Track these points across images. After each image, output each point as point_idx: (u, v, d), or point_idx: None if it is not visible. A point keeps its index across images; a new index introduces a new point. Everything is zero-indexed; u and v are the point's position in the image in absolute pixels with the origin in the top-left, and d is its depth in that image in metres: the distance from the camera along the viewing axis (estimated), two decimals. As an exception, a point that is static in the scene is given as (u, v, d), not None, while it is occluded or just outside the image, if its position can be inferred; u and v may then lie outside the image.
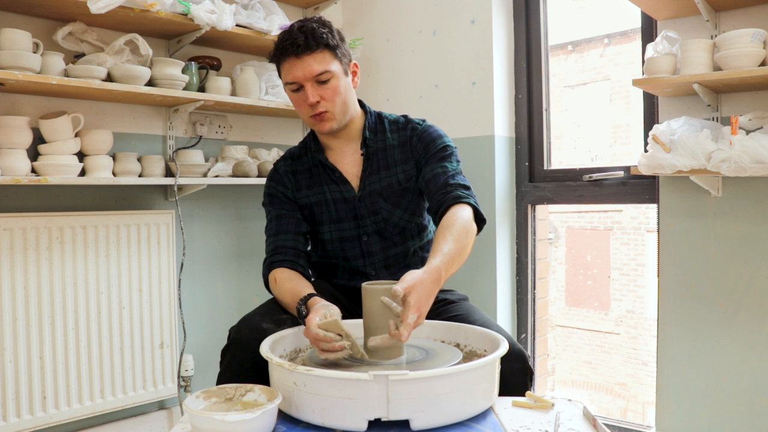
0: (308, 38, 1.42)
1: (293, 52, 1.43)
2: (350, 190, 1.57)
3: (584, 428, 1.07)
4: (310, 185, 1.59)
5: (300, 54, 1.43)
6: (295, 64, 1.44)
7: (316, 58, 1.43)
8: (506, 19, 2.52)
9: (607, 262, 7.16)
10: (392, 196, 1.56)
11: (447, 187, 1.46)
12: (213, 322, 2.53)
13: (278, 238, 1.55)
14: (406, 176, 1.57)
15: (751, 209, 1.92)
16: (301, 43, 1.42)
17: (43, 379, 2.01)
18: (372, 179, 1.56)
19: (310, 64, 1.43)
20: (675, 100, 2.04)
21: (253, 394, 1.11)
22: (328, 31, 1.46)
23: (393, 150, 1.58)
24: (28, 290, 1.99)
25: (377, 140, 1.59)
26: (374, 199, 1.56)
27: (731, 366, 1.96)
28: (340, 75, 1.48)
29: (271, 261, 1.52)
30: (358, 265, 1.59)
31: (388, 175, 1.56)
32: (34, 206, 2.07)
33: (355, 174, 1.58)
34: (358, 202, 1.56)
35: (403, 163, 1.57)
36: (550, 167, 2.53)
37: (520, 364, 1.31)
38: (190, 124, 2.49)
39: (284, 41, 1.44)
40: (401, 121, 1.62)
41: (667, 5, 1.94)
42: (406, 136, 1.59)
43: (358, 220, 1.57)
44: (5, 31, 1.83)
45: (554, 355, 6.94)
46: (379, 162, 1.57)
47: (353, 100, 1.55)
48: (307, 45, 1.42)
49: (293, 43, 1.42)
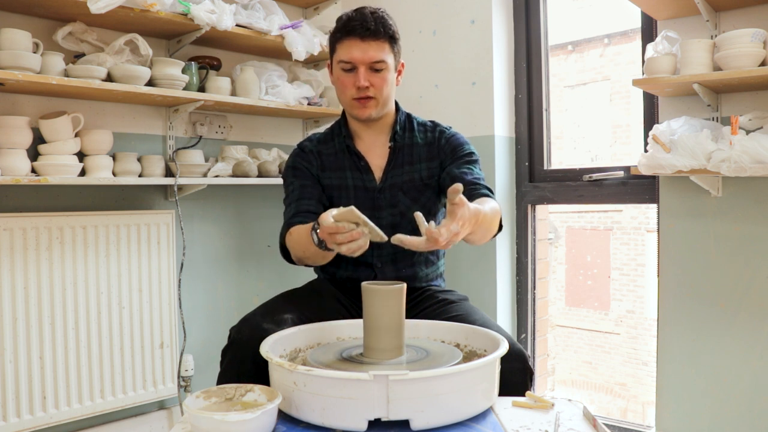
0: (378, 24, 1.48)
1: (360, 34, 1.47)
2: (372, 180, 1.60)
3: (584, 428, 1.07)
4: (336, 168, 1.62)
5: (366, 37, 1.47)
6: (357, 45, 1.48)
7: (378, 45, 1.49)
8: (506, 19, 2.52)
9: (607, 262, 7.16)
10: (412, 191, 1.59)
11: (475, 185, 1.49)
12: (213, 322, 2.53)
13: (301, 203, 1.55)
14: (429, 173, 1.60)
15: (751, 209, 1.92)
16: (371, 27, 1.47)
17: (43, 379, 2.01)
18: (395, 172, 1.60)
19: (373, 49, 1.49)
20: (675, 100, 2.04)
21: (253, 394, 1.11)
22: (394, 25, 1.52)
23: (419, 148, 1.62)
24: (28, 290, 1.99)
25: (405, 137, 1.63)
26: (394, 192, 1.59)
27: (731, 366, 1.96)
28: (391, 68, 1.53)
29: (290, 222, 1.52)
30: (366, 256, 1.57)
31: (411, 170, 1.60)
32: (34, 206, 2.07)
33: (379, 165, 1.61)
34: (378, 192, 1.59)
35: (428, 161, 1.61)
36: (550, 167, 2.53)
37: (520, 364, 1.31)
38: (190, 124, 2.49)
39: (354, 21, 1.48)
40: (429, 124, 1.67)
41: (667, 5, 1.94)
42: (433, 137, 1.63)
43: (375, 210, 1.59)
44: (5, 31, 1.83)
45: (554, 355, 6.94)
46: (404, 157, 1.61)
47: (393, 95, 1.60)
48: (376, 30, 1.47)
49: (363, 25, 1.47)
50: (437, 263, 1.69)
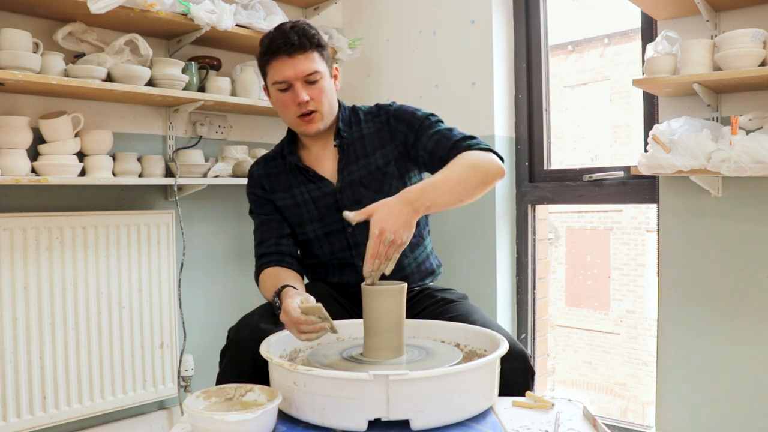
0: (301, 38, 1.44)
1: (286, 51, 1.43)
2: (328, 184, 1.57)
3: (584, 428, 1.07)
4: (286, 188, 1.60)
5: (293, 53, 1.44)
6: (286, 63, 1.45)
7: (307, 57, 1.45)
8: (506, 19, 2.52)
9: (607, 262, 7.16)
10: (373, 183, 1.56)
11: (456, 144, 1.45)
12: (213, 322, 2.53)
13: (262, 246, 1.58)
14: (385, 161, 1.56)
15: (751, 209, 1.92)
16: (295, 42, 1.43)
17: (43, 379, 2.01)
18: (350, 169, 1.56)
19: (303, 62, 1.45)
20: (675, 100, 2.04)
21: (253, 394, 1.11)
22: (317, 33, 1.48)
23: (370, 138, 1.58)
24: (28, 290, 1.99)
25: (352, 132, 1.59)
26: (355, 188, 1.56)
27: (731, 366, 1.95)
28: (326, 76, 1.50)
29: (259, 267, 1.57)
30: (346, 257, 1.59)
31: (366, 163, 1.57)
32: (34, 206, 2.07)
33: (331, 168, 1.58)
34: (339, 194, 1.56)
35: (381, 148, 1.57)
36: (550, 167, 2.53)
37: (521, 364, 1.31)
38: (190, 124, 2.49)
39: (276, 40, 1.44)
40: (374, 110, 1.63)
41: (667, 5, 1.94)
42: (381, 121, 1.59)
43: (341, 212, 1.55)
44: (5, 31, 1.83)
45: (554, 355, 6.94)
46: (356, 152, 1.57)
47: (335, 101, 1.56)
48: (301, 44, 1.44)
49: (287, 41, 1.43)
50: (423, 243, 1.65)
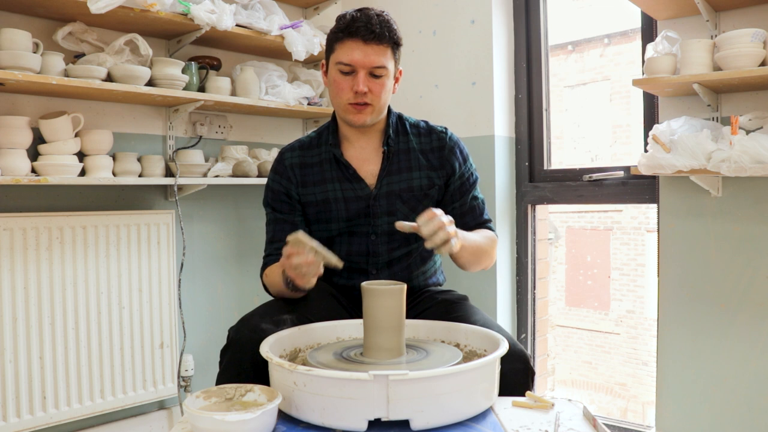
0: (383, 28, 1.41)
1: (363, 36, 1.40)
2: (365, 187, 1.53)
3: (584, 428, 1.07)
4: (319, 181, 1.55)
5: (369, 40, 1.40)
6: (359, 48, 1.41)
7: (381, 50, 1.42)
8: (506, 19, 2.52)
9: (607, 262, 7.16)
10: (411, 200, 1.53)
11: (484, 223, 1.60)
12: (213, 322, 2.53)
13: (271, 245, 1.57)
14: (429, 183, 1.54)
15: (751, 209, 1.92)
16: (376, 30, 1.40)
17: (43, 379, 2.01)
18: (391, 179, 1.53)
19: (375, 53, 1.41)
20: (675, 100, 2.04)
21: (253, 394, 1.11)
22: (398, 30, 1.46)
23: (416, 153, 1.56)
24: (28, 290, 1.99)
25: (399, 141, 1.56)
26: (392, 200, 1.53)
27: (731, 366, 1.96)
28: (391, 75, 1.47)
29: (265, 262, 1.57)
30: (360, 263, 1.57)
31: (408, 177, 1.54)
32: (34, 206, 2.07)
33: (371, 172, 1.54)
34: (373, 200, 1.53)
35: (429, 170, 1.55)
36: (550, 167, 2.53)
37: (522, 364, 1.30)
38: (190, 124, 2.49)
39: (358, 21, 1.41)
40: (423, 126, 1.60)
41: (667, 5, 1.94)
42: (430, 144, 1.57)
43: (370, 218, 1.54)
44: (5, 31, 1.83)
45: (554, 355, 6.94)
46: (400, 163, 1.54)
47: (388, 103, 1.53)
48: (381, 35, 1.41)
49: (368, 27, 1.40)
50: (433, 258, 1.65)
